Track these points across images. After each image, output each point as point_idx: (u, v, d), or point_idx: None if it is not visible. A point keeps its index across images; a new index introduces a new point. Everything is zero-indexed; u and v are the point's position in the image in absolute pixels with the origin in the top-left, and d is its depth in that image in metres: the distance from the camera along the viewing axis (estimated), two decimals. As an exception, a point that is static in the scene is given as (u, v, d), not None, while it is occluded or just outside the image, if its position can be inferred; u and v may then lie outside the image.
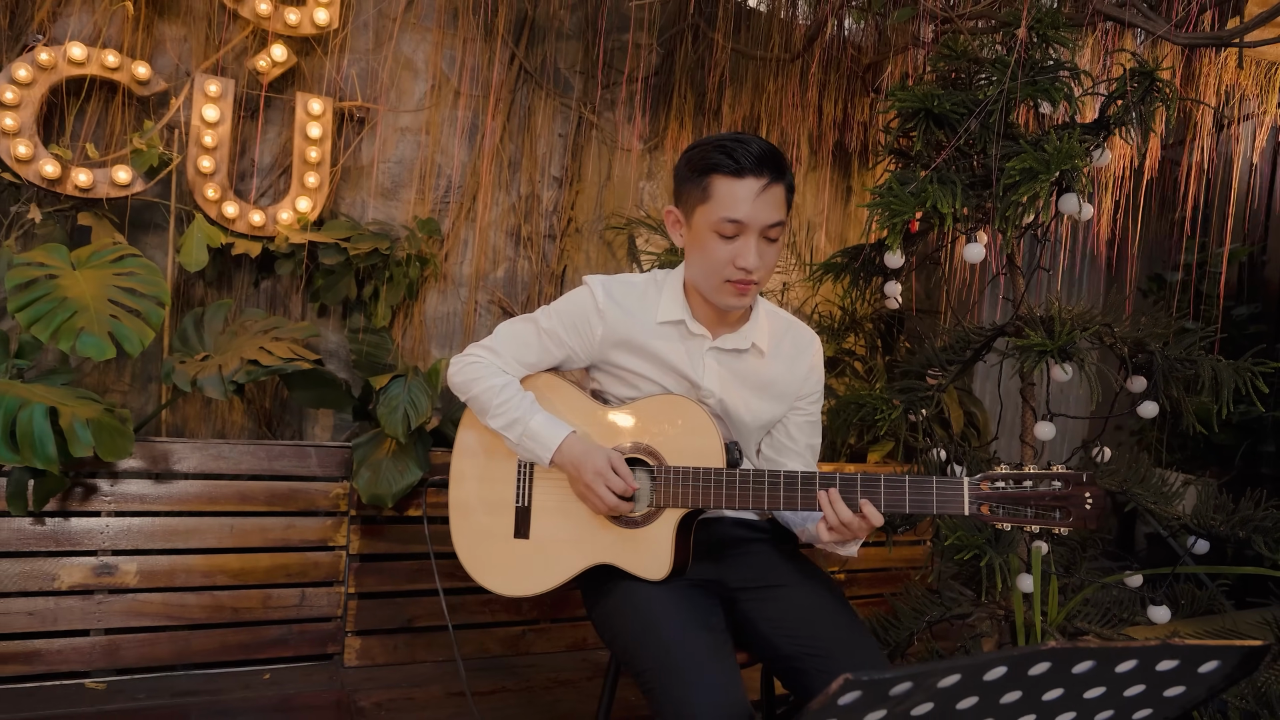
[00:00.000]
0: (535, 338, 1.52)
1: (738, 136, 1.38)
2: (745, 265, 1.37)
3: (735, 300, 1.43)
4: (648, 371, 1.50)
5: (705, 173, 1.38)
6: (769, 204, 1.36)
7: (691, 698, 1.22)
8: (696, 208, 1.41)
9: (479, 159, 2.80)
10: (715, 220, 1.37)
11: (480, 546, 1.54)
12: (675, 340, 1.49)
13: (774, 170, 1.36)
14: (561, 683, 2.24)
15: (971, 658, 0.82)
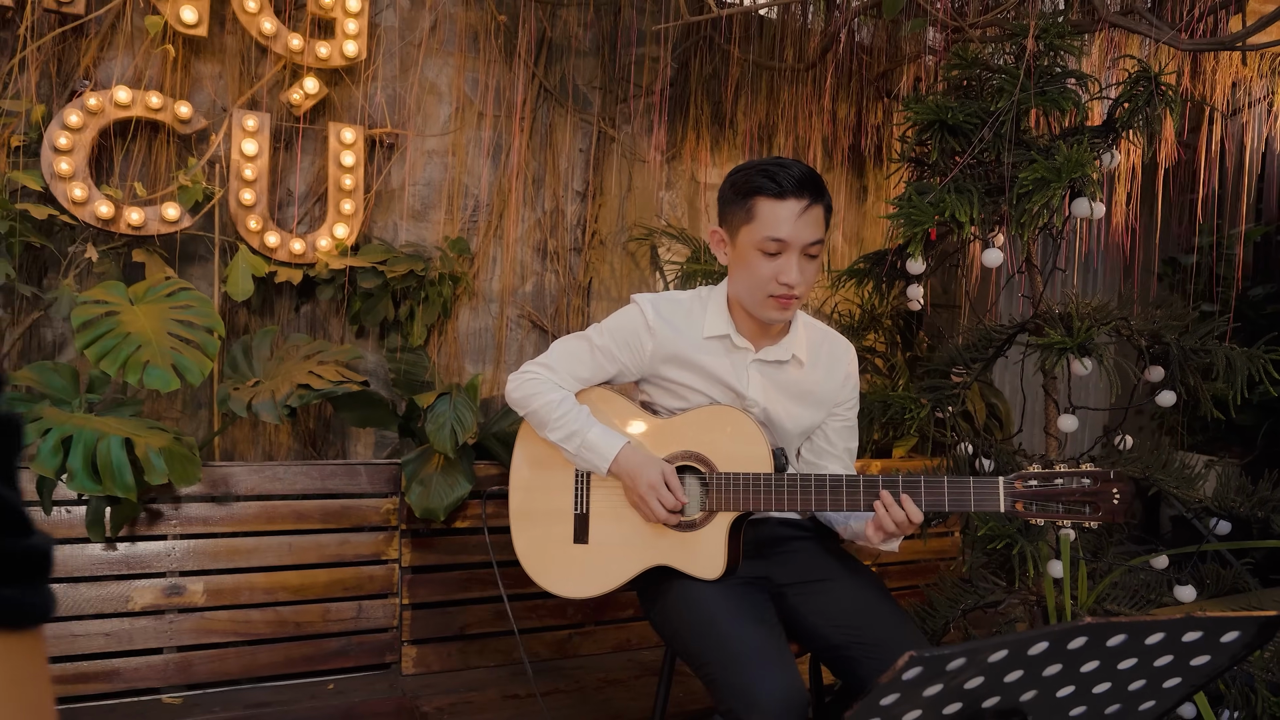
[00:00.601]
0: (589, 354, 1.65)
1: (779, 161, 1.51)
2: (788, 281, 1.49)
3: (778, 314, 1.55)
4: (695, 384, 1.62)
5: (749, 195, 1.50)
6: (810, 224, 1.49)
7: (753, 685, 1.34)
8: (741, 228, 1.53)
9: (504, 177, 2.93)
10: (760, 239, 1.50)
11: (542, 553, 1.66)
12: (721, 354, 1.62)
13: (814, 192, 1.49)
14: (611, 682, 2.37)
15: (1017, 634, 0.94)
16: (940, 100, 1.98)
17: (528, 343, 3.02)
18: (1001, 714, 1.07)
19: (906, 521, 1.44)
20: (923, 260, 1.93)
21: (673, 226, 3.20)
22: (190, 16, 2.37)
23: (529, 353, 3.02)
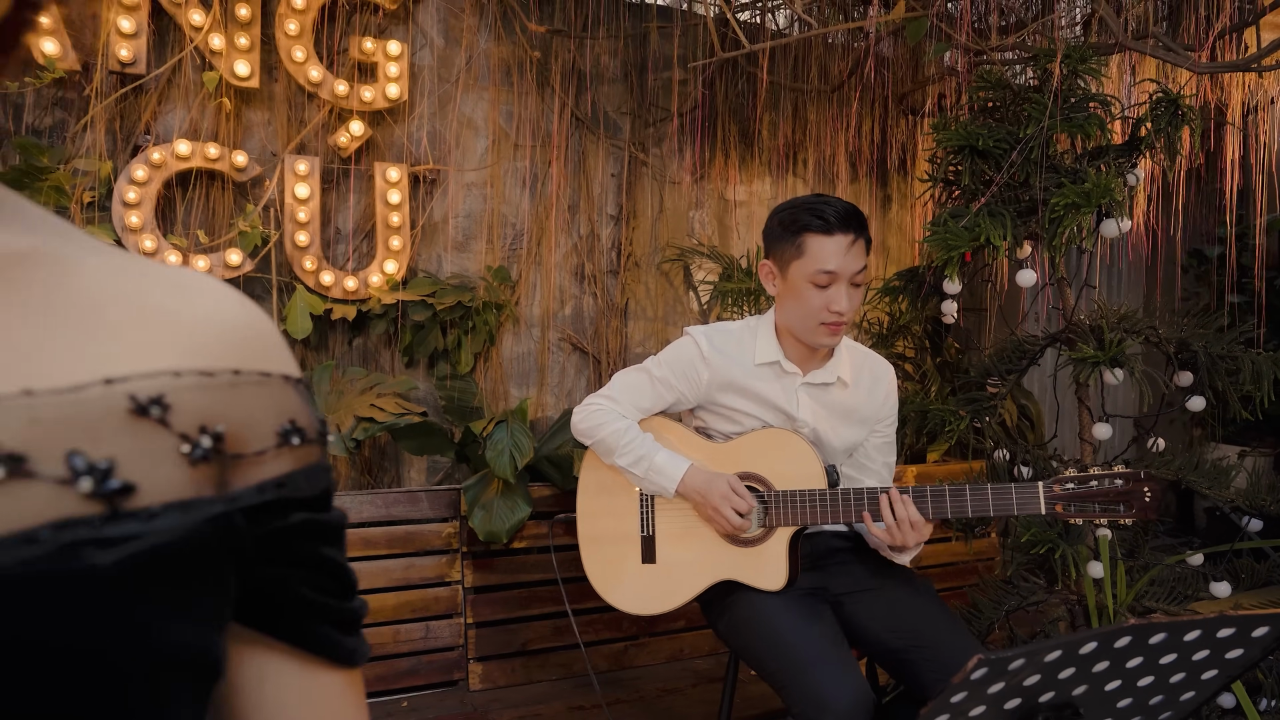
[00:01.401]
0: (649, 385, 1.80)
1: (823, 199, 1.66)
2: (839, 309, 1.65)
3: (828, 339, 1.71)
4: (748, 408, 1.78)
5: (798, 232, 1.66)
6: (855, 255, 1.65)
7: (821, 687, 1.50)
8: (791, 262, 1.69)
9: (540, 205, 3.09)
10: (811, 272, 1.65)
11: (613, 574, 1.82)
12: (771, 379, 1.77)
13: (857, 227, 1.65)
14: (670, 691, 2.52)
15: (1069, 636, 1.09)
16: (970, 127, 2.13)
17: (569, 365, 3.18)
18: (1056, 708, 1.22)
19: (909, 524, 1.59)
20: (959, 281, 2.07)
21: (704, 245, 3.36)
22: (243, 70, 2.55)
23: (570, 375, 3.18)
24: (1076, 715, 1.23)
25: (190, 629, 0.38)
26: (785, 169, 3.50)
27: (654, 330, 3.31)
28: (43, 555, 0.33)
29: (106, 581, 0.34)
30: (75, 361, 0.37)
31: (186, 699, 0.38)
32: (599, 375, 3.19)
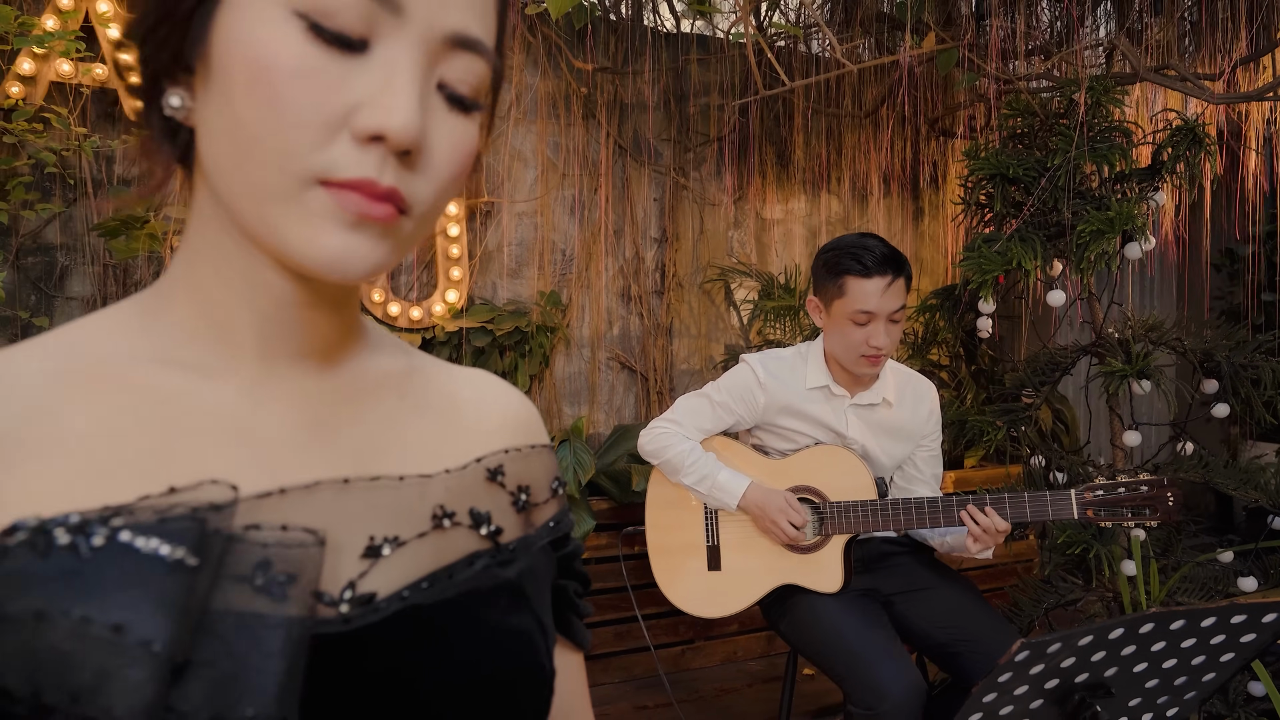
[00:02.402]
0: (710, 409, 2.03)
1: (864, 243, 1.88)
2: (877, 344, 1.87)
3: (869, 370, 1.93)
4: (802, 428, 2.00)
5: (840, 275, 1.88)
6: (893, 295, 1.86)
7: (879, 678, 1.72)
8: (834, 301, 1.91)
9: (588, 231, 3.34)
10: (851, 312, 1.87)
11: (682, 580, 2.05)
12: (822, 401, 2.00)
13: (895, 268, 1.86)
14: (727, 690, 2.75)
15: (1099, 623, 1.31)
16: (1000, 156, 2.35)
17: (618, 383, 3.42)
18: (1090, 687, 1.43)
19: (995, 530, 1.80)
20: (993, 302, 2.29)
21: (743, 263, 3.58)
22: (315, 117, 2.81)
23: (619, 392, 3.41)
24: (1109, 694, 1.44)
25: (546, 615, 0.61)
26: (820, 187, 3.72)
27: (698, 347, 3.54)
28: (479, 572, 0.56)
29: (514, 586, 0.57)
30: (456, 447, 0.60)
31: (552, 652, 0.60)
32: (646, 392, 3.42)
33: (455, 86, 0.48)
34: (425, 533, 0.54)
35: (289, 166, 0.44)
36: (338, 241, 0.46)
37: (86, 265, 2.71)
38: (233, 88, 0.44)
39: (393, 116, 0.44)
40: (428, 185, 0.48)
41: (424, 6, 0.46)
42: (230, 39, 0.44)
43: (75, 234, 2.70)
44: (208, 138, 0.47)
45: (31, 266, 2.64)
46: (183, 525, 0.43)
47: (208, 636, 0.42)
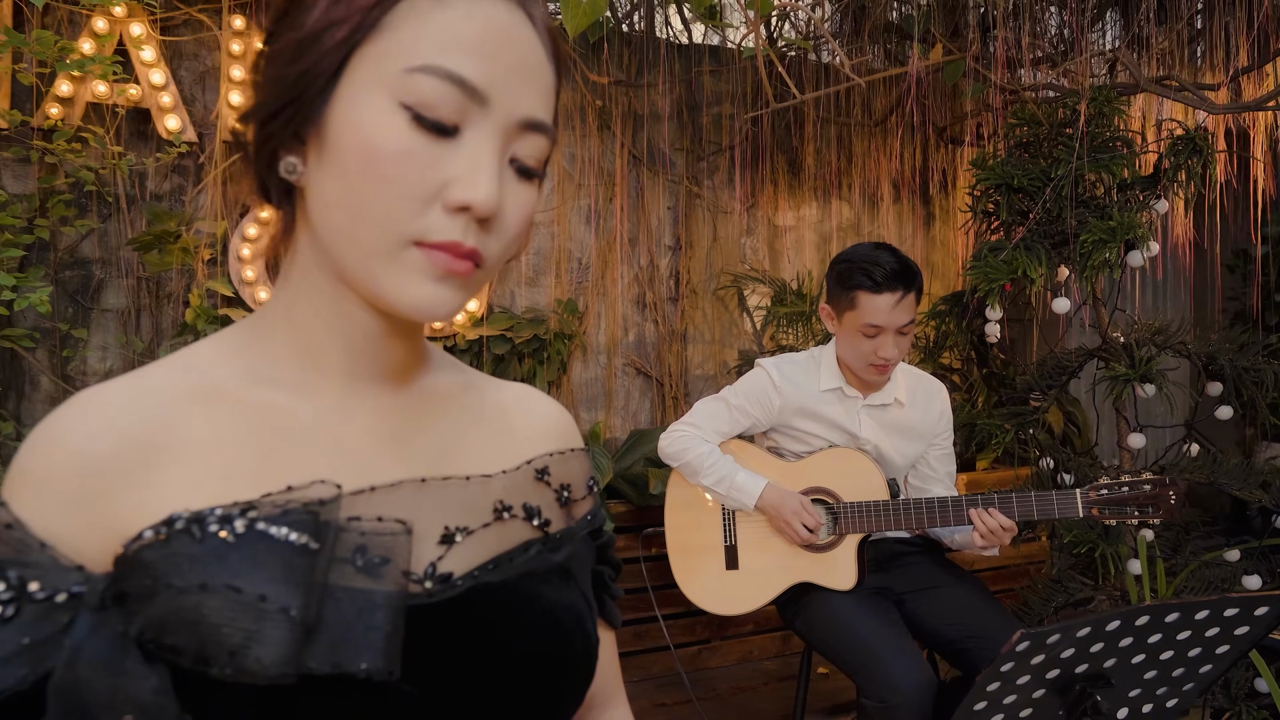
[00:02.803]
0: (727, 412, 2.12)
1: (875, 258, 1.96)
2: (885, 355, 1.96)
3: (877, 378, 2.02)
4: (816, 430, 2.10)
5: (851, 288, 1.97)
6: (902, 310, 1.95)
7: (891, 672, 1.81)
8: (845, 312, 2.00)
9: (603, 240, 3.44)
10: (860, 324, 1.96)
11: (700, 579, 2.15)
12: (835, 403, 2.09)
13: (905, 283, 1.94)
14: (742, 689, 2.84)
15: (1097, 615, 1.39)
16: (1005, 166, 2.44)
17: (634, 388, 3.52)
18: (1090, 678, 1.52)
19: (1000, 529, 1.89)
20: (1000, 309, 2.38)
21: (755, 269, 3.68)
22: (339, 132, 2.93)
23: (635, 398, 3.51)
24: (1108, 684, 1.53)
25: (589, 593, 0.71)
26: (831, 194, 3.81)
27: (712, 353, 3.63)
28: (534, 556, 0.66)
29: (562, 568, 0.68)
30: (508, 451, 0.70)
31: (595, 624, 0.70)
32: (662, 397, 3.52)
33: (524, 160, 0.58)
34: (489, 523, 0.64)
35: (391, 230, 0.55)
36: (427, 291, 0.56)
37: (121, 278, 2.83)
38: (346, 163, 0.54)
39: (478, 192, 0.54)
40: (498, 243, 0.58)
41: (504, 99, 0.56)
42: (346, 123, 0.55)
43: (110, 248, 2.82)
44: (319, 199, 0.57)
45: (69, 280, 2.76)
46: (302, 517, 0.53)
47: (327, 606, 0.52)
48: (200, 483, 0.56)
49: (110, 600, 0.51)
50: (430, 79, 0.54)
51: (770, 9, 2.54)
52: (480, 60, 0.55)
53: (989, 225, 2.62)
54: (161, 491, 0.55)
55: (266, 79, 0.57)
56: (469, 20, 0.55)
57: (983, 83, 2.76)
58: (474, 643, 0.59)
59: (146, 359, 2.83)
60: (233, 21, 2.82)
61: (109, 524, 0.53)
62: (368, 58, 0.55)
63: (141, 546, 0.51)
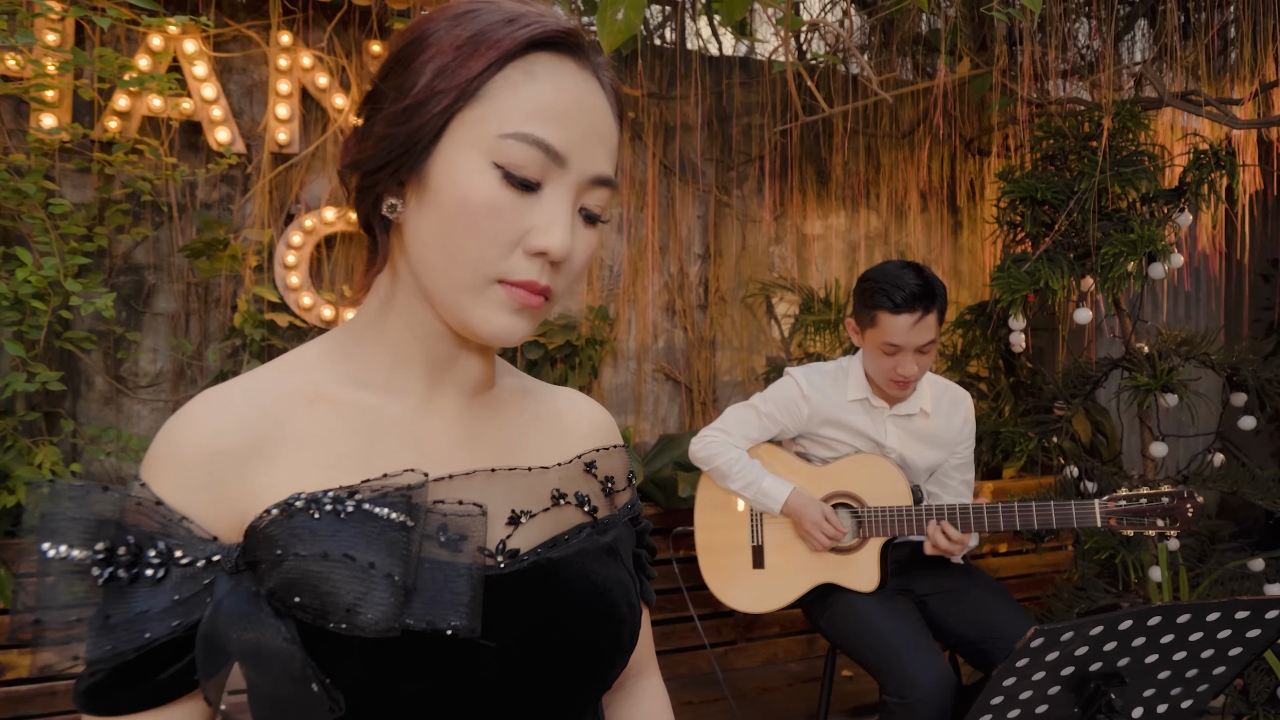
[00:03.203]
0: (756, 419, 2.22)
1: (898, 279, 2.03)
2: (904, 373, 2.03)
3: (898, 393, 2.11)
4: (843, 437, 2.18)
5: (873, 308, 2.05)
6: (921, 330, 2.01)
7: (911, 669, 1.89)
8: (867, 329, 2.09)
9: (634, 248, 3.54)
10: (880, 342, 2.04)
11: (727, 577, 2.24)
12: (862, 413, 2.18)
13: (925, 304, 2.01)
14: (768, 689, 2.92)
15: (1110, 614, 1.47)
16: (1028, 180, 2.51)
17: (663, 394, 3.62)
18: (1104, 676, 1.59)
19: (949, 546, 1.98)
20: (1023, 319, 2.45)
21: (783, 278, 3.77)
22: (381, 144, 3.06)
23: (664, 403, 3.61)
24: (1122, 682, 1.60)
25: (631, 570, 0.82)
26: (859, 203, 3.89)
27: (740, 360, 3.72)
28: (585, 537, 0.76)
29: (610, 548, 0.78)
30: (561, 447, 0.81)
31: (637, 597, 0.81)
32: (691, 403, 3.62)
33: (591, 209, 0.68)
34: (547, 508, 0.75)
35: (480, 270, 0.65)
36: (505, 321, 0.67)
37: (172, 284, 2.98)
38: (444, 210, 0.65)
39: (554, 241, 0.64)
40: (565, 280, 0.68)
41: (580, 160, 0.66)
42: (445, 177, 0.65)
43: (161, 255, 2.97)
44: (417, 237, 0.67)
45: (123, 285, 2.91)
46: (397, 499, 0.64)
47: (420, 574, 0.63)
48: (306, 470, 0.66)
49: (243, 565, 0.62)
50: (520, 144, 0.64)
51: (800, 25, 2.64)
52: (562, 128, 0.65)
53: (1014, 236, 2.70)
54: (274, 478, 0.65)
55: (375, 136, 0.67)
56: (554, 92, 0.65)
57: (1009, 96, 2.83)
58: (539, 608, 0.69)
59: (195, 361, 2.98)
60: (280, 38, 2.96)
61: (231, 504, 0.64)
62: (466, 122, 0.65)
63: (269, 521, 0.62)
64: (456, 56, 0.65)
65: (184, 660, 0.62)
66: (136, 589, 0.60)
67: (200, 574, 0.61)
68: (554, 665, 0.70)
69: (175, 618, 0.60)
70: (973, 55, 2.99)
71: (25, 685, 2.49)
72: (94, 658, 0.60)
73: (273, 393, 0.69)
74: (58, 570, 0.60)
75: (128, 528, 0.61)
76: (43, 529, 0.60)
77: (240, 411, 0.67)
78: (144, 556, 0.60)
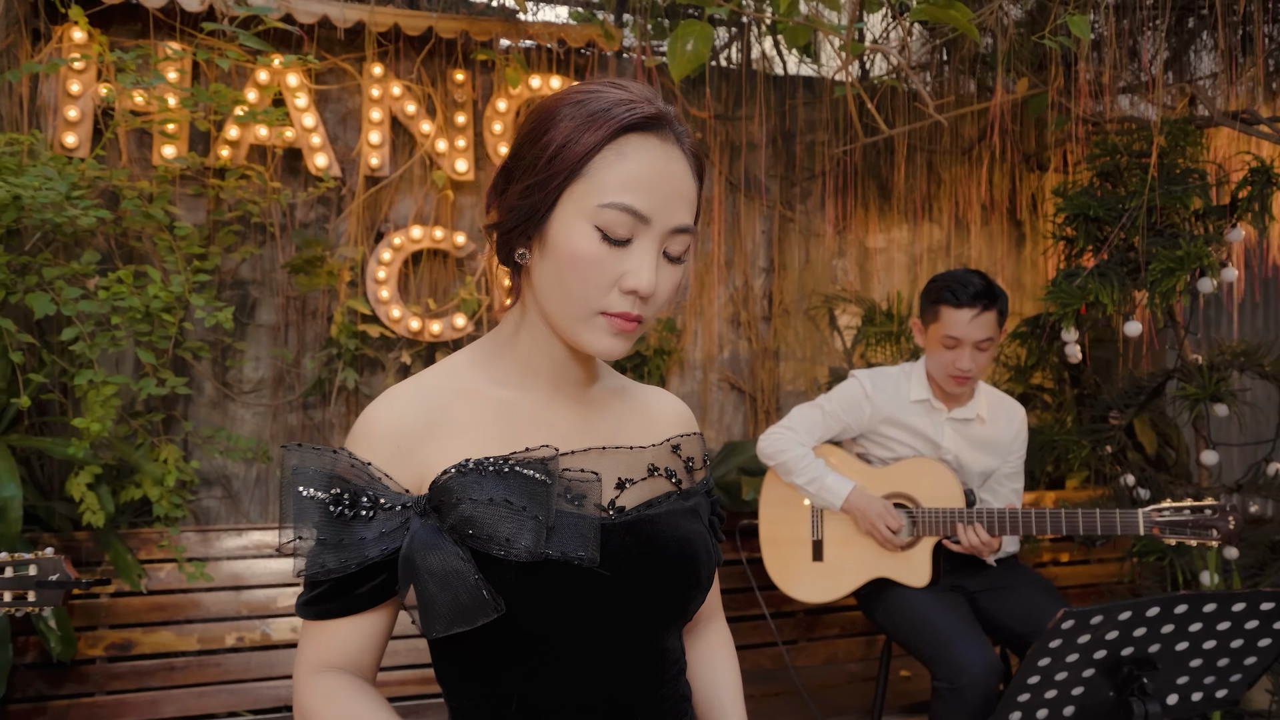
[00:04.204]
0: (821, 418, 2.44)
1: (963, 279, 2.25)
2: (962, 368, 2.25)
3: (956, 389, 2.31)
4: (902, 438, 2.39)
5: (937, 303, 2.27)
6: (981, 325, 2.23)
7: (961, 657, 2.08)
8: (930, 324, 2.31)
9: (700, 262, 3.79)
10: (941, 335, 2.26)
11: (789, 569, 2.46)
12: (922, 414, 2.38)
13: (986, 302, 2.23)
14: (827, 686, 3.12)
15: (1139, 600, 1.65)
16: (1082, 197, 2.69)
17: (728, 402, 3.84)
18: (1137, 661, 1.77)
19: (980, 545, 2.17)
20: (1075, 331, 2.63)
21: (846, 290, 3.97)
22: (463, 167, 3.36)
23: (729, 411, 3.84)
24: (1154, 668, 1.77)
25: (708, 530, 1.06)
26: (922, 217, 4.07)
27: (803, 370, 3.93)
28: (673, 501, 1.00)
29: (693, 511, 1.02)
30: (653, 432, 1.05)
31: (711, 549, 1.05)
32: (754, 411, 3.84)
33: (672, 252, 0.92)
34: (645, 478, 0.99)
35: (586, 306, 0.89)
36: (609, 343, 0.91)
37: (273, 297, 3.31)
38: (559, 261, 0.89)
39: (642, 283, 0.88)
40: (653, 309, 0.92)
41: (661, 217, 0.89)
42: (559, 236, 0.89)
43: (264, 271, 3.31)
44: (540, 279, 0.92)
45: (229, 299, 3.25)
46: (538, 465, 0.89)
47: (555, 520, 0.88)
48: (464, 448, 0.92)
49: (429, 509, 0.88)
50: (614, 211, 0.87)
51: (860, 50, 2.86)
52: (647, 196, 0.88)
53: (1070, 251, 2.87)
54: (442, 451, 0.91)
55: (508, 205, 0.93)
56: (639, 167, 0.88)
57: (1065, 116, 3.01)
58: (639, 549, 0.94)
59: (293, 369, 3.31)
60: (373, 69, 3.28)
61: (413, 469, 0.90)
62: (574, 195, 0.88)
63: (448, 478, 0.87)
64: (566, 142, 0.88)
65: (377, 579, 0.88)
66: (355, 524, 0.86)
67: (398, 515, 0.87)
68: (651, 592, 0.94)
69: (382, 545, 0.86)
70: (1031, 74, 3.17)
71: (148, 660, 2.82)
72: (321, 572, 0.86)
73: (437, 389, 0.95)
74: (308, 506, 0.86)
75: (348, 480, 0.87)
76: (297, 476, 0.86)
77: (415, 403, 0.93)
78: (360, 501, 0.87)
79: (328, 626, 0.90)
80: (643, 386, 1.11)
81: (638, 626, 0.94)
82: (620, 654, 0.92)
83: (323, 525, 0.85)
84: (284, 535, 0.85)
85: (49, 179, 2.39)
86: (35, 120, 3.02)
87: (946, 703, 2.08)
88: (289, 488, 0.86)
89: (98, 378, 2.38)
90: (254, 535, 2.98)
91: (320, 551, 0.86)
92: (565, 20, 3.71)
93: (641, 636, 0.95)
